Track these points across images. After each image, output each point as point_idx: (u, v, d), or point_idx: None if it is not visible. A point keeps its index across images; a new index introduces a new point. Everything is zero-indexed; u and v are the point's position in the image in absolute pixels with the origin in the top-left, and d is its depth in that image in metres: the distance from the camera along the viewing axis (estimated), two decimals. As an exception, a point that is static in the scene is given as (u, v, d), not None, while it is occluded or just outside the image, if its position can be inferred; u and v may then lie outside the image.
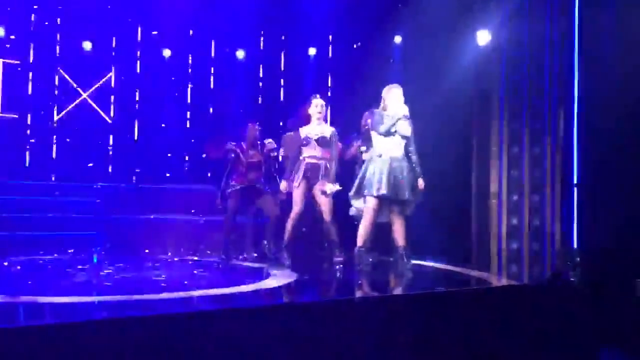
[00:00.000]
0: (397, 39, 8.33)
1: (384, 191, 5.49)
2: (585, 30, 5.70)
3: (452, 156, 6.92)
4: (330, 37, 9.64)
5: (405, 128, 5.63)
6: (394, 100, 5.64)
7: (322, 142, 6.09)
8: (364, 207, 5.67)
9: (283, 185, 6.23)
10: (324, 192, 6.00)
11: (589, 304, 4.86)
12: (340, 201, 6.05)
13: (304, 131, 6.15)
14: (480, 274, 5.78)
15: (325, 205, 6.05)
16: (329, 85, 9.59)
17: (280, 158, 6.87)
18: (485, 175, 6.25)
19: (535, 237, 5.92)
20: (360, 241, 5.66)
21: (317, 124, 6.15)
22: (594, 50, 5.62)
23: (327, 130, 6.18)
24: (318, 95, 6.24)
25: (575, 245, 5.50)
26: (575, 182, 5.61)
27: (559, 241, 5.69)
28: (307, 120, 6.18)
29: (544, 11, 6.04)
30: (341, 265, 5.97)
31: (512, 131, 6.08)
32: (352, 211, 6.04)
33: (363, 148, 6.28)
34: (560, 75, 5.89)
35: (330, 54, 9.68)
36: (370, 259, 5.79)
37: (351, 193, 5.78)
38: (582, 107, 5.64)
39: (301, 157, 6.14)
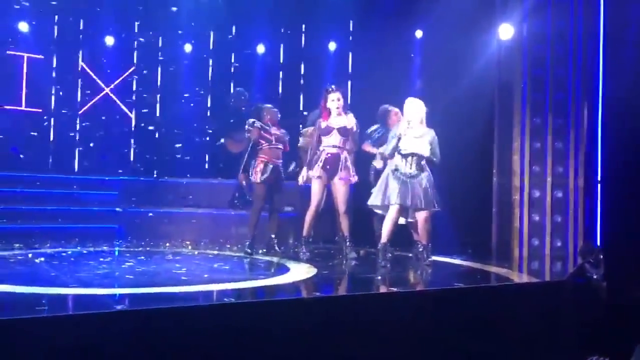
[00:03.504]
0: (418, 33, 8.25)
1: (398, 202, 5.48)
2: (611, 23, 5.59)
3: (473, 151, 6.86)
4: (351, 29, 9.59)
5: (418, 146, 5.55)
6: (405, 115, 5.59)
7: (343, 132, 6.05)
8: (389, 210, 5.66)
9: (303, 173, 6.20)
10: (342, 180, 5.98)
11: (612, 302, 4.80)
12: (354, 195, 6.03)
13: (324, 123, 6.10)
14: (500, 270, 5.73)
15: (341, 196, 6.03)
16: (349, 78, 9.54)
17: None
18: (506, 170, 6.18)
19: (557, 233, 5.85)
20: (384, 237, 5.64)
21: (337, 114, 6.10)
22: (621, 43, 5.51)
23: (348, 121, 6.13)
24: (333, 87, 6.16)
25: (598, 243, 5.42)
26: (599, 178, 5.52)
27: (582, 238, 5.62)
28: (327, 113, 6.11)
29: (567, 4, 5.95)
30: (357, 261, 5.97)
31: (534, 126, 6.01)
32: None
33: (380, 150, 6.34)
34: (584, 69, 5.80)
35: (350, 48, 9.62)
36: (390, 255, 5.77)
37: (369, 202, 5.78)
38: (607, 102, 5.55)
39: (321, 148, 6.10)
